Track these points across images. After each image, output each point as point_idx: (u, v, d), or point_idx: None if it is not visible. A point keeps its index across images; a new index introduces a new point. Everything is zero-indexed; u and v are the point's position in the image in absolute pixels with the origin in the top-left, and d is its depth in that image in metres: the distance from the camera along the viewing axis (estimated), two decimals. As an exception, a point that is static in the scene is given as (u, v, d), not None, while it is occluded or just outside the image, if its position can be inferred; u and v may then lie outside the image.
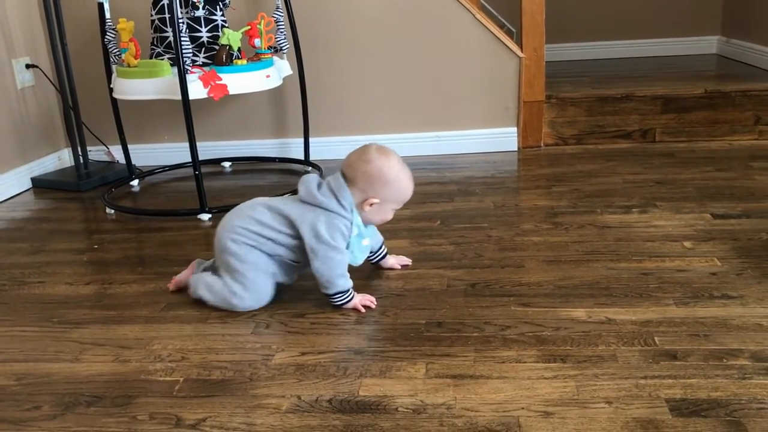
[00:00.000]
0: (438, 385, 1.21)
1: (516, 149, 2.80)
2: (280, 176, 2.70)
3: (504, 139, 2.80)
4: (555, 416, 1.11)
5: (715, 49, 3.72)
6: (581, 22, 3.74)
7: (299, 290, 1.62)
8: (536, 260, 1.73)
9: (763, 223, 1.87)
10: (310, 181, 1.53)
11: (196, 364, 1.33)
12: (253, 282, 1.50)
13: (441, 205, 2.21)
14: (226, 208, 2.22)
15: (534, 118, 2.79)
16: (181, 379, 1.28)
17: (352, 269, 1.55)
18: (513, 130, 2.79)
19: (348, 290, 1.51)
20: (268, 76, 2.32)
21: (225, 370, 1.30)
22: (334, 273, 1.48)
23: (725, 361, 1.23)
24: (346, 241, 1.50)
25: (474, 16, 2.67)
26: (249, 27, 2.33)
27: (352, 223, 1.51)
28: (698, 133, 2.77)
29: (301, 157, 2.74)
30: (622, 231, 1.88)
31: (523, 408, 1.13)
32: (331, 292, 1.50)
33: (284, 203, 1.53)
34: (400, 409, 1.15)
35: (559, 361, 1.26)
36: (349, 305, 1.51)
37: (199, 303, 1.58)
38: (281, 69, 2.46)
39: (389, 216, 1.59)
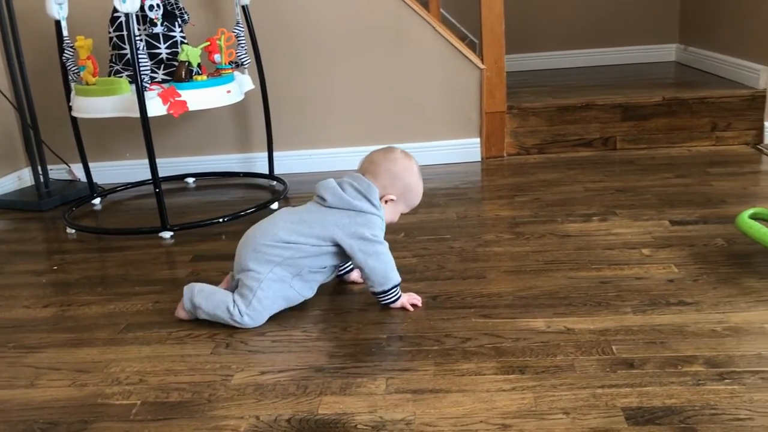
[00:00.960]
0: (398, 401, 1.21)
1: (479, 159, 2.82)
2: (244, 191, 2.69)
3: (467, 149, 2.82)
4: (513, 428, 1.11)
5: (674, 56, 3.79)
6: (541, 32, 3.80)
7: (261, 307, 1.61)
8: (497, 271, 1.74)
9: (719, 229, 1.91)
10: (332, 186, 1.54)
11: (154, 387, 1.31)
12: (258, 303, 1.49)
13: (405, 217, 2.18)
14: (189, 226, 2.23)
15: (496, 129, 2.81)
16: (139, 402, 1.26)
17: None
18: (476, 140, 2.82)
19: (399, 284, 1.54)
20: (228, 92, 2.31)
21: (183, 392, 1.29)
22: (388, 267, 1.52)
23: (680, 368, 1.25)
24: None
25: (435, 28, 2.69)
26: (208, 43, 2.32)
27: (382, 219, 1.55)
28: (657, 140, 2.82)
29: (266, 171, 2.73)
30: (582, 239, 1.90)
31: (481, 421, 1.14)
32: (388, 287, 1.52)
33: (311, 213, 1.53)
34: (359, 426, 1.15)
35: (518, 372, 1.27)
36: (398, 303, 1.54)
37: (160, 324, 1.57)
38: (243, 84, 2.45)
39: (396, 218, 1.62)
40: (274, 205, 2.37)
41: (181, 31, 2.37)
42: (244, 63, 2.46)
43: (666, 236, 1.89)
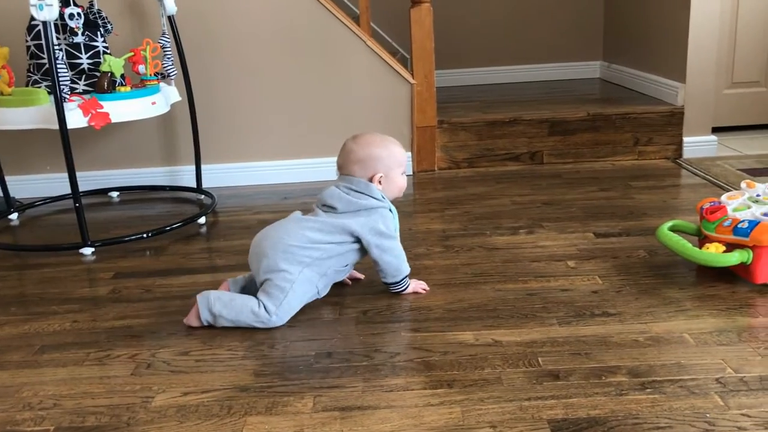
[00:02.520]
0: (325, 419, 1.19)
1: (411, 173, 2.83)
2: (171, 205, 2.62)
3: (399, 163, 2.82)
4: (441, 444, 1.11)
5: (599, 73, 3.91)
6: (471, 48, 3.86)
7: (185, 326, 1.57)
8: (428, 284, 1.74)
9: (641, 241, 1.96)
10: (338, 193, 1.61)
11: (69, 411, 1.25)
12: (288, 303, 1.53)
13: (335, 231, 2.19)
14: (112, 241, 2.16)
15: (427, 143, 2.83)
16: (52, 429, 1.20)
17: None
18: (407, 155, 2.82)
19: (409, 274, 1.66)
20: (153, 103, 2.25)
21: (101, 416, 1.23)
22: (401, 260, 1.63)
23: (604, 378, 1.27)
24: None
25: (365, 43, 2.70)
26: (132, 53, 2.26)
27: (391, 210, 1.63)
28: (583, 154, 2.89)
29: (194, 185, 2.67)
30: (509, 252, 1.92)
31: (409, 437, 1.13)
32: (400, 278, 1.64)
33: (331, 217, 1.59)
34: (285, 446, 1.12)
35: (446, 386, 1.27)
36: (410, 290, 1.67)
37: (78, 344, 1.50)
38: (169, 95, 2.39)
39: (403, 182, 1.68)
40: (202, 220, 2.32)
41: (104, 41, 2.30)
42: (171, 74, 2.41)
43: (590, 248, 1.93)
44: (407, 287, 1.67)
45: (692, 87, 2.85)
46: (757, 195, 1.70)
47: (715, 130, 2.99)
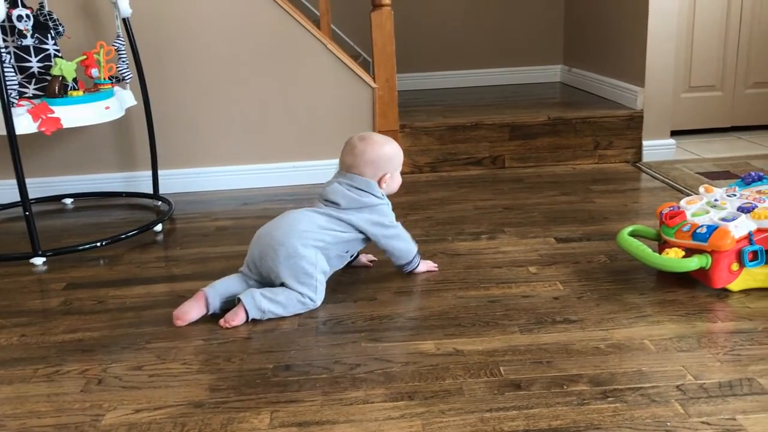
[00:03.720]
0: (282, 435, 1.15)
1: (373, 178, 2.80)
2: (127, 212, 2.55)
3: (361, 167, 2.80)
4: (401, 459, 1.08)
5: (559, 77, 3.94)
6: (433, 51, 3.85)
7: (140, 337, 1.52)
8: (389, 292, 1.72)
9: (602, 246, 1.97)
10: (341, 190, 1.68)
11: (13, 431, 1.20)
12: (320, 283, 1.63)
13: (296, 238, 2.16)
14: (64, 250, 2.09)
15: (389, 147, 2.81)
16: (-5, 451, 1.15)
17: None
18: (370, 158, 2.80)
19: (418, 252, 1.79)
20: (107, 108, 2.19)
21: (47, 436, 1.18)
22: (408, 240, 1.76)
23: (566, 387, 1.26)
24: None
25: (326, 46, 2.67)
26: (85, 56, 2.20)
27: (388, 205, 1.73)
28: (544, 158, 2.90)
29: (150, 191, 2.61)
30: (471, 258, 1.91)
31: (369, 453, 1.10)
32: (411, 256, 1.76)
33: (335, 211, 1.67)
34: (240, 465, 1.09)
35: (407, 398, 1.24)
36: (422, 267, 1.80)
37: (25, 360, 1.44)
38: (123, 100, 2.33)
39: (400, 180, 1.79)
40: (158, 227, 2.26)
41: (55, 44, 2.23)
42: (126, 78, 2.34)
43: (552, 254, 1.93)
44: (419, 263, 1.79)
45: (651, 91, 2.88)
46: (715, 200, 1.71)
47: (674, 133, 3.03)
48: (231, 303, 1.59)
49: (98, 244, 2.09)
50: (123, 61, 2.34)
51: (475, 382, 1.29)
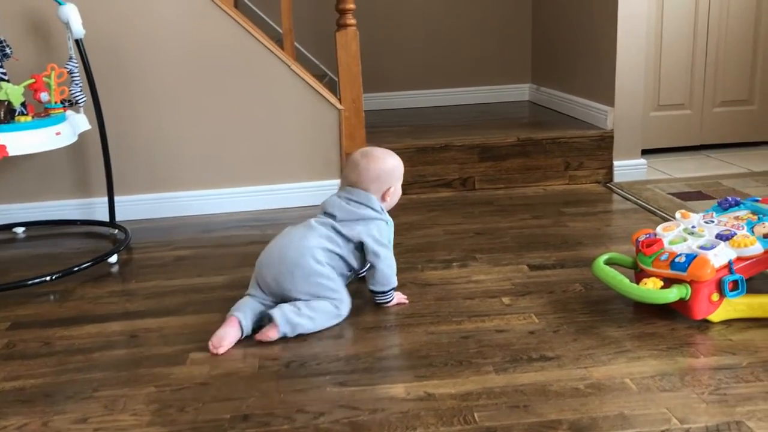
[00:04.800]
0: (239, 498, 1.05)
1: (340, 201, 2.72)
2: (82, 241, 2.43)
3: (328, 191, 2.67)
4: None
5: (527, 96, 3.90)
6: (399, 71, 3.79)
7: (87, 384, 1.41)
8: (356, 328, 1.63)
9: (576, 273, 1.90)
10: (338, 202, 1.70)
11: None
12: (346, 296, 1.65)
13: (259, 268, 2.06)
14: (10, 286, 1.95)
15: (357, 170, 2.73)
16: None
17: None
18: (337, 182, 2.72)
19: (395, 287, 1.72)
20: (58, 134, 2.08)
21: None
22: (392, 271, 1.70)
23: (544, 434, 1.18)
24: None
25: (289, 67, 2.58)
26: (33, 80, 2.09)
27: (387, 222, 1.72)
28: (514, 179, 2.84)
29: (107, 218, 2.49)
30: (442, 289, 1.83)
31: None
32: (388, 288, 1.70)
33: (334, 225, 1.66)
34: None
35: (375, 452, 1.15)
36: (394, 302, 1.73)
37: (-42, 413, 1.32)
38: (76, 124, 2.21)
39: (400, 192, 1.79)
40: (113, 258, 2.15)
41: (1, 67, 2.11)
42: (79, 101, 2.23)
43: (525, 282, 1.86)
44: (392, 300, 1.72)
45: (621, 110, 2.85)
46: (693, 227, 1.66)
47: (643, 152, 3.00)
48: (258, 322, 1.61)
49: (48, 278, 1.97)
50: (76, 84, 2.23)
51: (448, 430, 1.20)
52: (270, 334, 1.55)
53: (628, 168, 2.88)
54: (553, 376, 1.37)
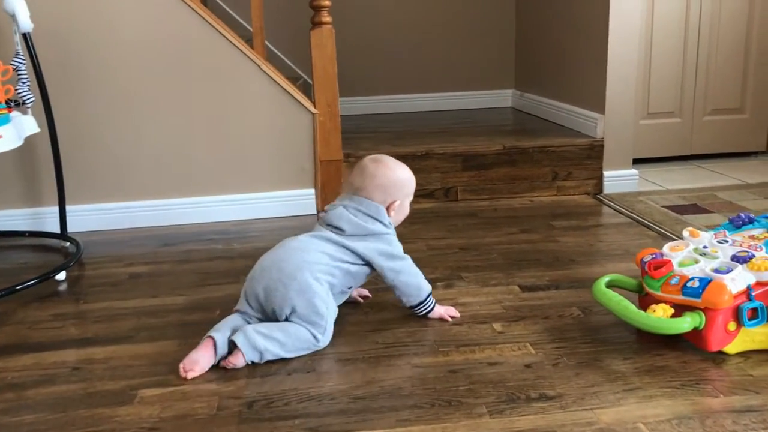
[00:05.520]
0: None
1: (315, 212, 2.54)
2: (31, 254, 2.22)
3: (301, 201, 2.53)
4: None
5: (510, 102, 3.75)
6: (378, 74, 3.61)
7: (15, 430, 1.20)
8: (330, 359, 1.44)
9: (572, 296, 1.73)
10: (346, 215, 1.56)
11: None
12: (330, 325, 1.48)
13: (224, 288, 1.86)
14: None
15: (332, 179, 2.55)
16: None
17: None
18: (311, 191, 2.53)
19: (431, 291, 1.60)
20: (0, 137, 1.86)
21: None
22: (420, 278, 1.58)
23: (551, 495, 1.00)
24: None
25: (260, 67, 2.39)
26: (-29, 77, 1.87)
27: (395, 237, 1.60)
28: (499, 190, 2.68)
29: (57, 229, 2.27)
30: (427, 313, 1.65)
31: None
32: (423, 296, 1.57)
33: (340, 239, 1.53)
34: None
35: None
36: (435, 313, 1.59)
37: None
38: (22, 126, 2.00)
39: (408, 210, 1.67)
40: (61, 275, 1.94)
41: (-65, 61, 1.90)
42: (26, 101, 2.02)
43: (517, 306, 1.69)
44: (434, 307, 1.60)
45: (612, 118, 2.70)
46: (704, 247, 1.50)
47: (633, 162, 2.85)
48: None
49: (-17, 299, 1.76)
50: (23, 82, 2.01)
51: (439, 491, 1.02)
52: (234, 361, 1.39)
53: (618, 179, 2.73)
54: (557, 419, 1.20)
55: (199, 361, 1.38)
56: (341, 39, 2.67)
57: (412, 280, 1.56)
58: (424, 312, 1.59)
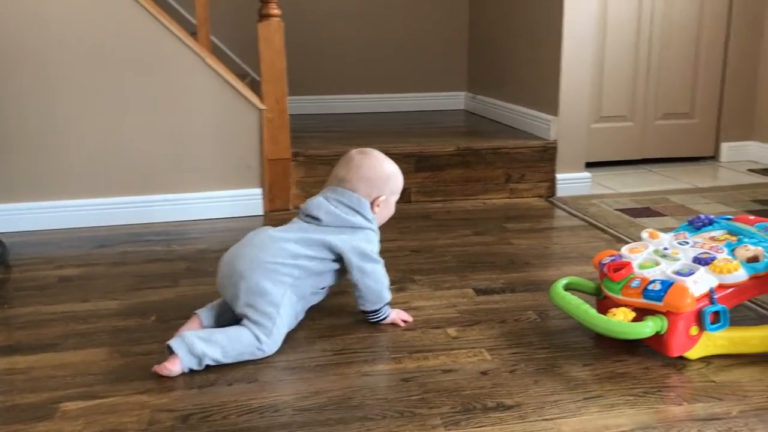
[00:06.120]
0: None
1: (261, 213, 2.43)
2: (-49, 256, 2.05)
3: (247, 202, 2.42)
4: None
5: (463, 105, 3.70)
6: (329, 73, 3.52)
7: None
8: (275, 368, 1.34)
9: (528, 299, 1.67)
10: (325, 205, 1.49)
11: None
12: (278, 329, 1.38)
13: (161, 291, 1.75)
14: None
15: (280, 178, 2.44)
16: None
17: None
18: (257, 191, 2.42)
19: (389, 302, 1.52)
20: None
21: None
22: (383, 286, 1.50)
23: None
24: None
25: (204, 60, 2.28)
26: None
27: (375, 233, 1.53)
28: (453, 192, 2.61)
29: (-18, 230, 2.12)
30: (378, 318, 1.57)
31: None
32: (379, 306, 1.51)
33: (310, 231, 1.46)
34: None
35: None
36: (389, 320, 1.52)
37: None
38: (-59, 118, 1.85)
39: (393, 209, 1.61)
40: (-18, 279, 1.79)
41: None
42: (-53, 90, 1.87)
43: (472, 309, 1.62)
44: (387, 316, 1.52)
45: (565, 120, 2.67)
46: (665, 248, 1.45)
47: (585, 165, 2.82)
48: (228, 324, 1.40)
49: None
50: (-57, 70, 1.86)
51: None
52: (170, 366, 1.30)
53: (571, 181, 2.70)
54: (515, 431, 1.13)
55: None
56: (291, 35, 2.57)
57: (374, 286, 1.48)
58: (376, 320, 1.52)
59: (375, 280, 1.48)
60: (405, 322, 1.54)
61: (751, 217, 1.52)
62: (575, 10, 2.58)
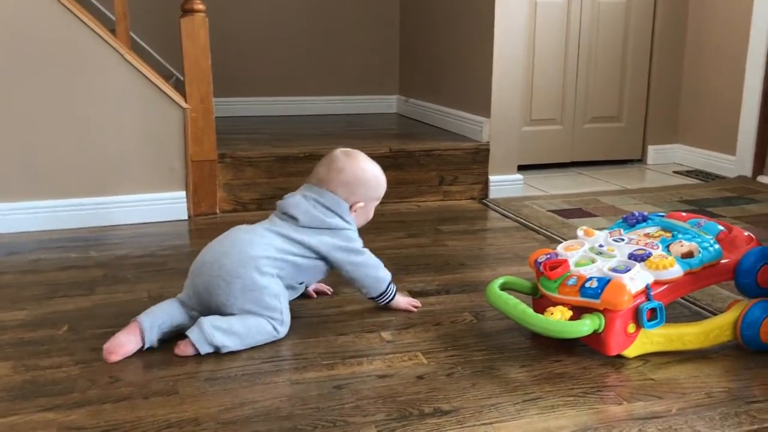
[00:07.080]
0: None
1: (186, 218, 2.32)
2: None
3: (170, 205, 2.30)
4: None
5: (395, 108, 3.67)
6: (257, 75, 3.42)
7: None
8: (196, 378, 1.25)
9: (464, 300, 1.63)
10: (303, 205, 1.45)
11: None
12: (287, 315, 1.39)
13: (75, 300, 1.62)
14: None
15: (206, 181, 2.34)
16: None
17: None
18: (181, 194, 2.31)
19: (391, 279, 1.53)
20: None
21: None
22: (379, 269, 1.50)
23: None
24: None
25: (123, 57, 2.16)
26: None
27: (355, 231, 1.51)
28: (386, 194, 2.50)
29: None
30: (310, 321, 1.50)
31: None
32: (385, 286, 1.51)
33: (291, 230, 1.43)
34: None
35: None
36: (397, 303, 1.53)
37: None
38: None
39: (371, 215, 1.58)
40: None
41: None
42: None
43: (407, 313, 1.56)
44: (394, 296, 1.53)
45: (497, 122, 2.65)
46: (600, 245, 1.43)
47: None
48: (170, 335, 1.35)
49: None
50: None
51: None
52: (186, 349, 1.32)
53: (504, 183, 2.69)
54: (454, 437, 1.07)
55: (125, 344, 1.31)
56: (217, 35, 2.48)
57: (371, 272, 1.49)
58: (385, 302, 1.53)
59: (369, 266, 1.48)
60: (415, 307, 1.55)
61: (684, 214, 1.52)
62: (507, 15, 2.57)
